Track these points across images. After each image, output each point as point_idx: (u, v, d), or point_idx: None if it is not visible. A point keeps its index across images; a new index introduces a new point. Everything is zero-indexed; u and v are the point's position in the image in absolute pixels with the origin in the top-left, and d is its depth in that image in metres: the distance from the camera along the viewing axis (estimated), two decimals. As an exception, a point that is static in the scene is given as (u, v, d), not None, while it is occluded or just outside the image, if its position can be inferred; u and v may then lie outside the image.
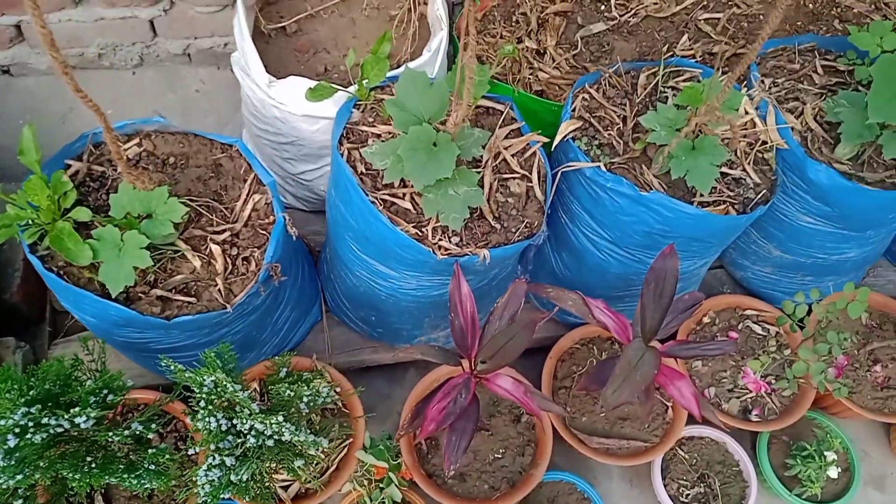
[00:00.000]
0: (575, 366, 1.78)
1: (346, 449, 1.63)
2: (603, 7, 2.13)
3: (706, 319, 1.87)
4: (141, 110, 2.16)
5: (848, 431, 1.96)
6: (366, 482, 1.63)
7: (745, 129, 1.64)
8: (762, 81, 1.69)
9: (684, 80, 1.71)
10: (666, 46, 2.07)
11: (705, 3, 2.15)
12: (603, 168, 1.50)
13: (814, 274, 1.82)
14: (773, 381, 1.74)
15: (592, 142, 1.56)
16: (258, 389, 1.52)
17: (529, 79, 1.95)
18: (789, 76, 1.74)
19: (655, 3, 2.13)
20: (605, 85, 1.67)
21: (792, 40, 1.78)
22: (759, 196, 1.55)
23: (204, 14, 2.08)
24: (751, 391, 1.77)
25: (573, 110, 1.61)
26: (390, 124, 1.50)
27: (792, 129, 1.63)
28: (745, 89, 1.69)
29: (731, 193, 1.55)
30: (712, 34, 2.08)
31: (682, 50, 2.06)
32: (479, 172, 1.51)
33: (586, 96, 1.64)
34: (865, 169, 1.62)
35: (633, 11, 2.11)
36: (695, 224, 1.48)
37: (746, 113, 1.65)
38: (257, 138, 1.85)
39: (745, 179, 1.57)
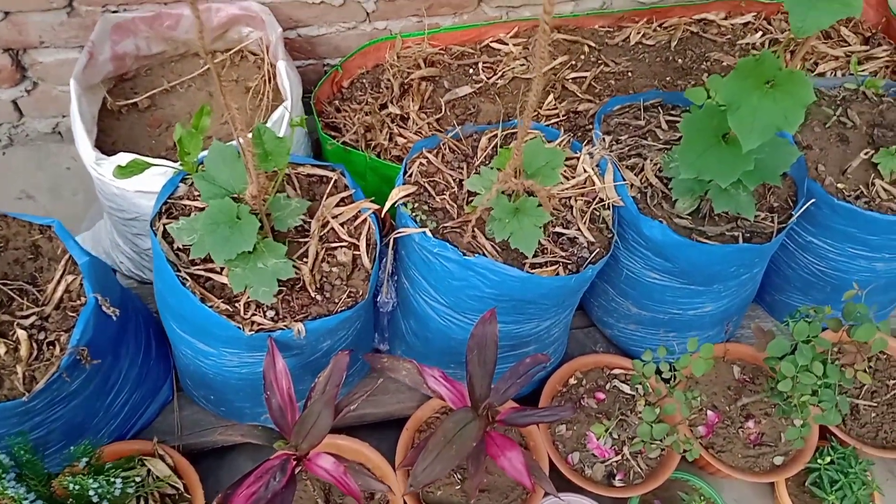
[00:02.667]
0: (434, 436, 1.72)
1: (183, 537, 1.55)
2: (471, 70, 2.15)
3: (572, 381, 1.82)
4: (10, 190, 2.14)
5: (732, 492, 1.90)
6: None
7: (584, 187, 1.63)
8: (603, 139, 1.68)
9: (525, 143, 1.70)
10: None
11: (573, 62, 2.18)
12: (429, 233, 1.47)
13: (675, 330, 1.78)
14: (636, 443, 1.68)
15: (422, 206, 1.54)
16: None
17: (388, 144, 1.94)
18: (633, 133, 1.73)
19: (523, 65, 2.16)
20: (445, 149, 1.66)
21: (637, 97, 1.79)
22: (592, 255, 1.52)
23: (68, 93, 2.07)
24: (616, 455, 1.71)
25: (408, 175, 1.60)
26: (210, 198, 1.47)
27: (631, 185, 1.62)
28: (588, 148, 1.68)
29: (565, 253, 1.53)
30: (578, 93, 2.10)
31: (547, 109, 2.07)
32: (304, 243, 1.48)
33: (423, 161, 1.63)
34: (707, 223, 1.60)
35: (500, 73, 2.13)
36: (522, 287, 1.45)
37: (585, 171, 1.64)
38: (110, 215, 1.82)
39: (579, 239, 1.54)
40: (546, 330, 1.64)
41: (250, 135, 1.30)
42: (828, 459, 1.71)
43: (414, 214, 1.51)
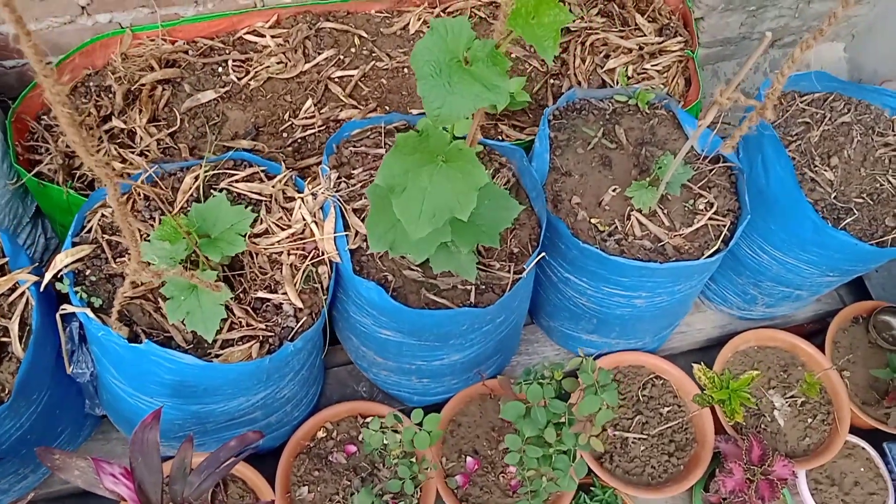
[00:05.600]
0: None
1: None
2: (220, 69, 1.87)
3: (321, 434, 1.66)
4: None
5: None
6: None
7: (302, 237, 1.42)
8: (329, 177, 1.47)
9: (243, 180, 1.47)
10: (289, 113, 1.84)
11: (341, 57, 1.92)
12: (90, 314, 1.24)
13: (428, 377, 1.63)
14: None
15: (94, 276, 1.30)
16: None
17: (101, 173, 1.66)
18: (370, 165, 1.52)
19: (280, 63, 1.89)
20: (137, 195, 1.41)
21: (378, 120, 1.57)
22: (299, 325, 1.33)
23: None
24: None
25: (86, 232, 1.35)
26: None
27: (356, 233, 1.42)
28: (311, 186, 1.46)
29: (266, 324, 1.33)
30: (341, 96, 1.86)
31: (304, 118, 1.83)
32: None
33: (106, 212, 1.38)
34: (440, 275, 1.43)
35: (253, 74, 1.86)
36: (203, 374, 1.25)
37: (303, 219, 1.43)
38: None
39: (284, 306, 1.35)
40: (269, 397, 1.46)
41: None
42: (583, 507, 1.64)
43: (76, 290, 1.27)
